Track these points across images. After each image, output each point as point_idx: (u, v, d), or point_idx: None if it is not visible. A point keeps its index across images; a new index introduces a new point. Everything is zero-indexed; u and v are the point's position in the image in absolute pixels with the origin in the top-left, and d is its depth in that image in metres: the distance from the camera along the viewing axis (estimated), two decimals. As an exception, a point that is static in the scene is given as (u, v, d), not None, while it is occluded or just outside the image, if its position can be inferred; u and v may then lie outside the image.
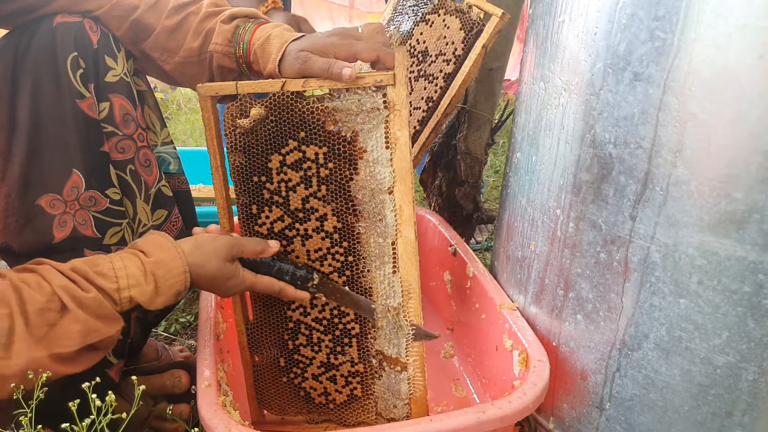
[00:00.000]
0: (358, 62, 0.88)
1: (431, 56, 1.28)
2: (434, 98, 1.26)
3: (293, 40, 0.89)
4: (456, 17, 1.24)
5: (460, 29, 1.23)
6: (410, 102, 1.32)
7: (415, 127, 1.30)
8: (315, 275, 0.95)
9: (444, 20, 1.26)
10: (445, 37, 1.26)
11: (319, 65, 0.85)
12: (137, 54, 1.03)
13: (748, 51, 0.69)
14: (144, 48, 1.00)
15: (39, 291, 0.72)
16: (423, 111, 1.28)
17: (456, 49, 1.23)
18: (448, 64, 1.24)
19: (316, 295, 0.96)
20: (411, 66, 1.33)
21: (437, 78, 1.26)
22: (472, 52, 1.20)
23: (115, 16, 0.97)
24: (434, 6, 1.29)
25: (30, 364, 0.70)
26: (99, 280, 0.76)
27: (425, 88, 1.28)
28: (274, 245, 0.93)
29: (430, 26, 1.29)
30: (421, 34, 1.31)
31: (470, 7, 1.22)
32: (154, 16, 0.97)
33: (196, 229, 0.93)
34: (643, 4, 0.76)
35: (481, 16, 1.20)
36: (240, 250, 0.89)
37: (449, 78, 1.24)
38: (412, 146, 1.30)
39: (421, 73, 1.29)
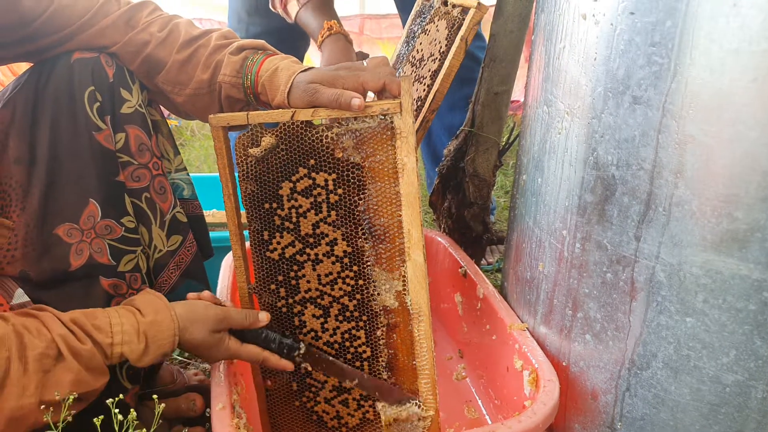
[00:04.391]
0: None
1: (424, 60, 1.32)
2: (422, 97, 1.29)
3: (301, 72, 0.92)
4: (444, 20, 1.28)
5: (446, 28, 1.26)
6: None
7: None
8: (302, 344, 0.97)
9: (437, 25, 1.31)
10: (435, 39, 1.30)
11: (327, 96, 0.88)
12: (151, 87, 1.06)
13: (742, 74, 0.70)
14: (157, 82, 1.03)
15: (39, 337, 0.75)
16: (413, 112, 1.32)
17: (441, 47, 1.26)
18: (434, 63, 1.28)
19: (303, 365, 0.98)
20: (410, 74, 1.36)
21: (425, 78, 1.29)
22: (452, 46, 1.23)
23: (128, 52, 1.01)
24: (431, 16, 1.35)
25: (16, 412, 0.72)
26: (95, 334, 0.79)
27: (416, 90, 1.32)
28: (263, 318, 0.95)
29: (427, 35, 1.34)
30: (420, 44, 1.37)
31: (453, 6, 1.26)
32: (165, 51, 1.01)
33: (190, 295, 0.96)
34: (639, 30, 0.78)
35: (461, 12, 1.24)
36: (228, 323, 0.92)
37: (435, 75, 1.26)
38: None
39: (416, 78, 1.33)
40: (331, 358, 0.98)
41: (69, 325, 0.78)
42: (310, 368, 0.98)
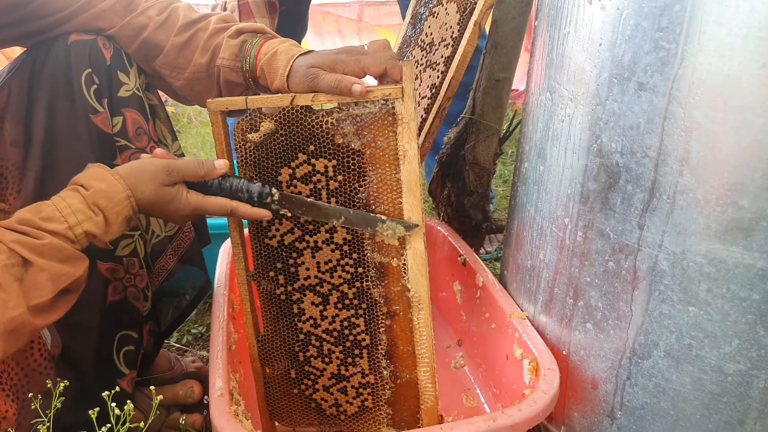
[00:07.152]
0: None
1: (435, 45, 1.30)
2: (436, 84, 1.27)
3: (300, 55, 0.91)
4: (454, 2, 1.25)
5: (456, 12, 1.24)
6: (418, 93, 1.33)
7: (422, 116, 1.30)
8: (274, 190, 0.90)
9: (446, 8, 1.28)
10: (446, 24, 1.27)
11: (328, 81, 0.86)
12: (149, 71, 1.05)
13: (751, 60, 0.69)
14: (155, 66, 1.02)
15: None
16: (428, 99, 1.29)
17: (453, 32, 1.24)
18: (447, 48, 1.25)
19: (281, 211, 0.91)
20: (421, 59, 1.33)
21: (439, 64, 1.27)
22: (466, 31, 1.20)
23: (126, 35, 1.00)
24: None
25: (8, 326, 0.71)
26: (48, 225, 0.76)
27: (430, 77, 1.30)
28: (220, 165, 0.89)
29: (436, 18, 1.31)
30: (429, 27, 1.33)
31: None
32: (163, 35, 0.99)
33: (143, 155, 0.91)
34: (646, 15, 0.77)
35: None
36: (179, 173, 0.86)
37: (449, 61, 1.24)
38: (419, 134, 1.30)
39: (428, 64, 1.31)
40: (309, 199, 0.91)
41: (18, 228, 0.75)
42: (289, 214, 0.92)
